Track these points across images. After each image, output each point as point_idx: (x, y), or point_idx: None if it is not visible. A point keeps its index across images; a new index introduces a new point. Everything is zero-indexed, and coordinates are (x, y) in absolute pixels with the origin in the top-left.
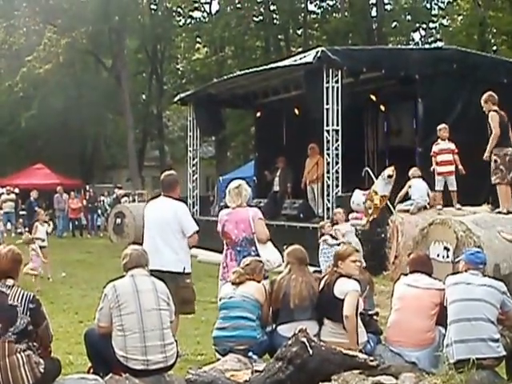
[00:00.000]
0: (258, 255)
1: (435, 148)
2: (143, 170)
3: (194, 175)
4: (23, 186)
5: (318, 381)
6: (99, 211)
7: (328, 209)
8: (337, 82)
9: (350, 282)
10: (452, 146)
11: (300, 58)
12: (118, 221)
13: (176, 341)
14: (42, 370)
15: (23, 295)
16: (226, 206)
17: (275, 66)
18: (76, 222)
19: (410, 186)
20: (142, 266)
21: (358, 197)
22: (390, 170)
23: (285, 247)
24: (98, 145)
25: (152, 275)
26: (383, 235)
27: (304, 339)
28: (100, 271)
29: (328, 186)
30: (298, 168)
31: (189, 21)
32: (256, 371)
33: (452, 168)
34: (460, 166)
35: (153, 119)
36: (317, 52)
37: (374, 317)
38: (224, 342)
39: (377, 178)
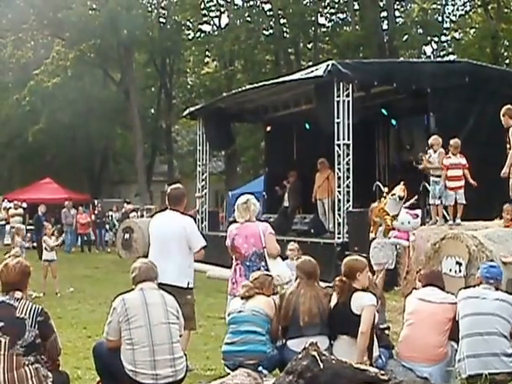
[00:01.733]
0: (267, 270)
1: (446, 162)
2: (152, 185)
3: (203, 190)
4: (31, 201)
5: None
6: (107, 226)
7: (339, 224)
8: (347, 95)
9: (367, 296)
10: (463, 160)
11: (310, 72)
12: (127, 236)
13: (185, 354)
14: (51, 383)
15: (31, 308)
16: (235, 221)
17: (285, 79)
18: (85, 238)
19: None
20: (151, 279)
21: (403, 216)
22: (401, 191)
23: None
24: (106, 159)
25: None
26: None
27: (314, 353)
28: (108, 286)
29: (339, 200)
30: (308, 183)
31: (198, 34)
32: None
33: (462, 183)
34: (471, 181)
35: (162, 134)
36: (327, 65)
37: (386, 331)
38: (233, 357)
39: (387, 192)
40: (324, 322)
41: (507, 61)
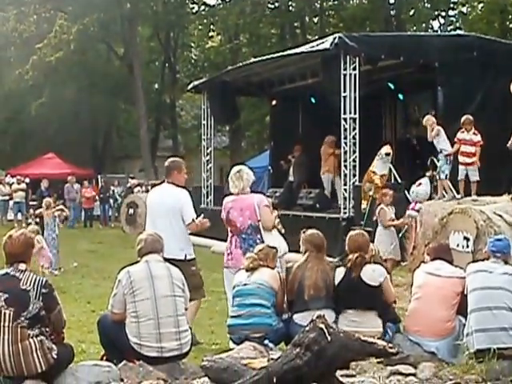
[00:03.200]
0: (262, 243)
1: (460, 135)
2: (156, 160)
3: (208, 165)
4: (34, 176)
5: (336, 368)
6: (111, 201)
7: (345, 198)
8: (354, 69)
9: (379, 267)
10: (476, 138)
11: (317, 45)
12: (131, 211)
13: (190, 328)
14: (55, 356)
15: (36, 280)
16: (230, 194)
17: (292, 52)
18: (89, 213)
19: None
20: (156, 251)
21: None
22: (386, 149)
23: (302, 232)
24: (109, 134)
25: None
26: None
27: (322, 325)
28: (112, 261)
29: (345, 175)
30: (314, 157)
31: (202, 8)
32: (272, 359)
33: (473, 160)
34: (476, 159)
35: (166, 108)
36: (334, 38)
37: (393, 305)
38: (239, 330)
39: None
40: (329, 295)
41: None
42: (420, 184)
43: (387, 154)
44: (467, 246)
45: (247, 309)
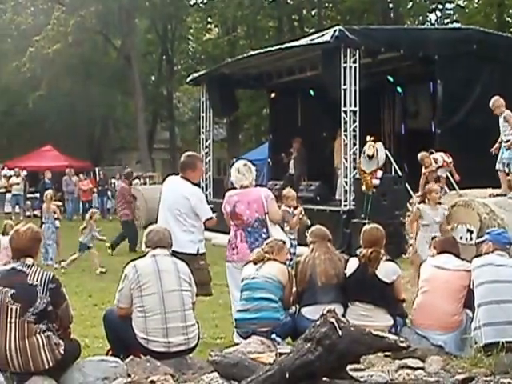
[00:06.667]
0: (268, 237)
1: None
2: (153, 152)
3: (206, 157)
4: (31, 169)
5: (348, 362)
6: (109, 194)
7: (346, 191)
8: (354, 61)
9: (395, 266)
10: None
11: (316, 38)
12: None
13: (198, 322)
14: (62, 352)
15: (43, 275)
16: (232, 188)
17: (292, 45)
18: (87, 205)
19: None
20: (164, 246)
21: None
22: (369, 150)
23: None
24: (106, 126)
25: None
26: (401, 218)
27: (333, 320)
28: (112, 254)
29: (346, 167)
30: (313, 150)
31: (200, 0)
32: (280, 354)
33: None
34: None
35: (163, 100)
36: (334, 31)
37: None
38: (246, 324)
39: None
40: (339, 285)
41: None
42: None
43: (370, 157)
44: (471, 239)
45: (255, 303)
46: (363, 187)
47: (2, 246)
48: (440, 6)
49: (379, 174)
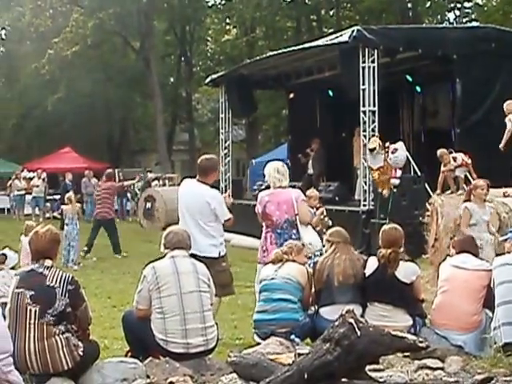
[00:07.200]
0: (298, 238)
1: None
2: (172, 154)
3: (225, 158)
4: (50, 171)
5: (366, 363)
6: (129, 195)
7: (365, 191)
8: (373, 61)
9: (415, 266)
10: None
11: (335, 38)
12: (148, 205)
13: (216, 323)
14: (81, 353)
15: (62, 276)
16: (265, 188)
17: (310, 45)
18: None
19: None
20: (183, 247)
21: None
22: (371, 144)
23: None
24: (125, 128)
25: None
26: (421, 218)
27: (352, 320)
28: (131, 256)
29: (365, 167)
30: (332, 150)
31: (218, 1)
32: (299, 354)
33: None
34: None
35: (182, 102)
36: (352, 31)
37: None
38: (265, 325)
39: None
40: (357, 286)
41: None
42: (395, 149)
43: (371, 150)
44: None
45: (273, 304)
46: (378, 187)
47: (24, 246)
48: (458, 5)
49: (398, 173)
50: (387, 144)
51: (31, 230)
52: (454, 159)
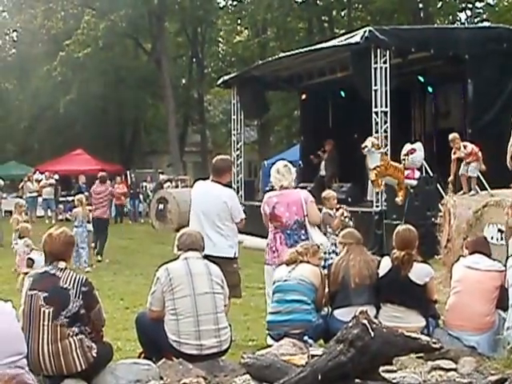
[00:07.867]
0: (307, 239)
1: None
2: (184, 155)
3: (238, 159)
4: (63, 172)
5: (380, 364)
6: (141, 197)
7: (377, 192)
8: (385, 62)
9: (428, 267)
10: None
11: (346, 39)
12: (161, 207)
13: (230, 325)
14: (95, 355)
15: (76, 278)
16: (272, 189)
17: (322, 46)
18: (119, 208)
19: None
20: (196, 249)
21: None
22: (366, 142)
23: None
24: (137, 130)
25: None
26: (433, 218)
27: (365, 321)
28: (143, 257)
29: None
30: (344, 151)
31: (230, 2)
32: (312, 355)
33: None
34: None
35: (194, 103)
36: (364, 32)
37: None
38: (278, 327)
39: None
40: (372, 287)
41: None
42: (414, 150)
43: (363, 148)
44: (502, 239)
45: (287, 305)
46: (375, 187)
47: (20, 250)
48: (470, 5)
49: (417, 174)
50: (385, 143)
51: (26, 233)
52: (465, 147)
